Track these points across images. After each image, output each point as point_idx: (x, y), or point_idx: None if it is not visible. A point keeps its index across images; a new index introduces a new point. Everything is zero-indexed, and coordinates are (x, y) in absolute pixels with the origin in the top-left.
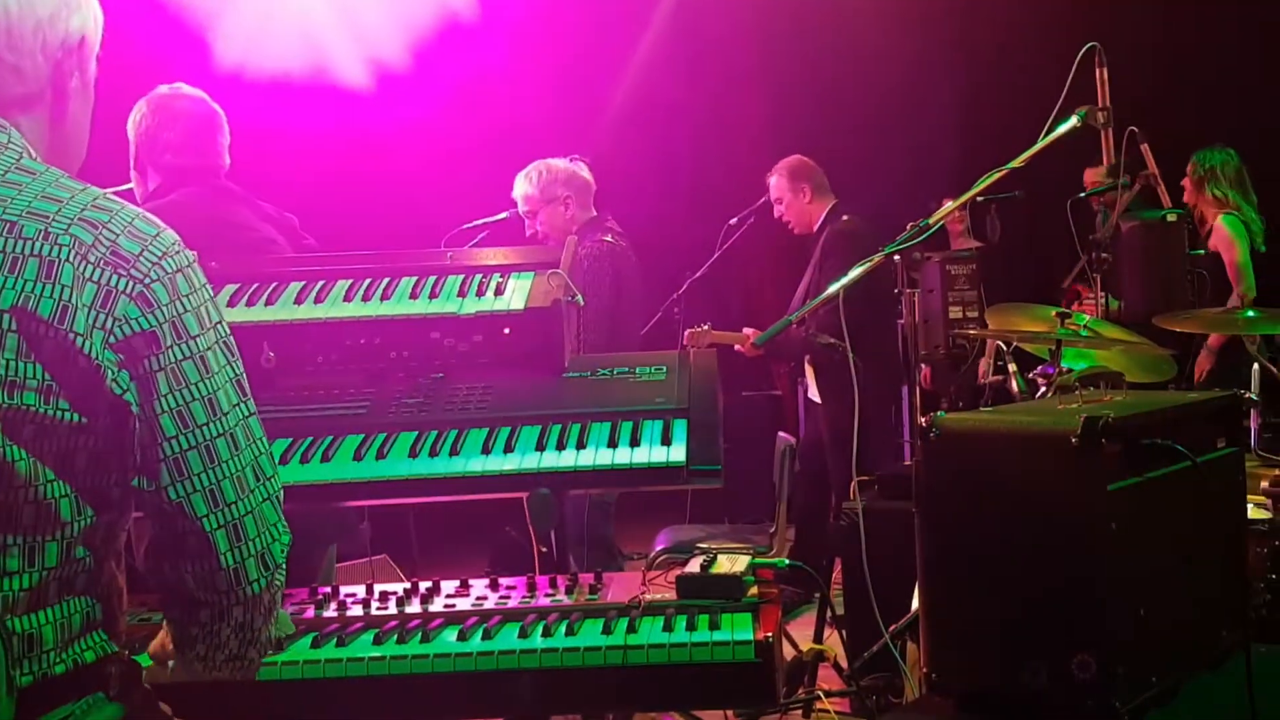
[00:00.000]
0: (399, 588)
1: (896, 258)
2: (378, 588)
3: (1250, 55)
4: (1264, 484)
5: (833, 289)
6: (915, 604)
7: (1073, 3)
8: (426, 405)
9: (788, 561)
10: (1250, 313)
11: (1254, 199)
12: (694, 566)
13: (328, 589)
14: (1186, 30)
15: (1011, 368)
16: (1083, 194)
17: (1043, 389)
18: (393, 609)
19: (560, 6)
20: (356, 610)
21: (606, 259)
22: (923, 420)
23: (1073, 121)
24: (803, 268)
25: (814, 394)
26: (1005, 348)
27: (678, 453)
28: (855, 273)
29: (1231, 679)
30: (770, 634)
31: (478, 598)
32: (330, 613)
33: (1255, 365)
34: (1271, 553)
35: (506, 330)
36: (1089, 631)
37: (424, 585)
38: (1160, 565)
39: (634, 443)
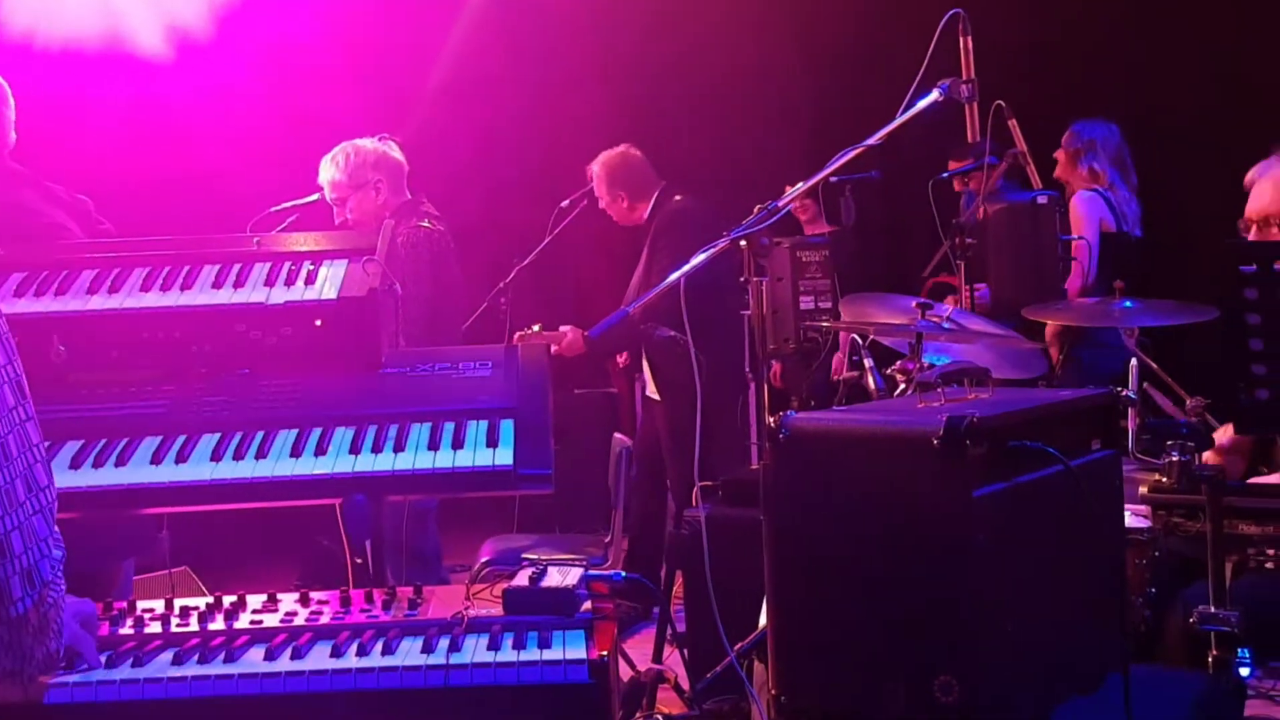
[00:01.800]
0: (201, 602)
1: (743, 243)
2: (178, 602)
3: (1126, 24)
4: (1143, 490)
5: (673, 277)
6: (763, 620)
7: None
8: (231, 404)
9: (624, 574)
10: (1128, 303)
11: (1133, 181)
12: (522, 579)
13: (124, 604)
14: None
15: (868, 363)
16: (945, 174)
17: (902, 386)
18: (194, 625)
19: None
20: (155, 627)
21: (424, 246)
22: (771, 420)
23: (934, 95)
24: (639, 253)
25: (652, 391)
26: (861, 341)
27: (504, 456)
28: (697, 259)
29: (1108, 703)
30: (605, 653)
31: (287, 613)
32: (126, 629)
33: (1133, 360)
34: (1151, 564)
35: (318, 322)
36: (952, 651)
37: (228, 600)
38: (1030, 579)
39: (457, 445)
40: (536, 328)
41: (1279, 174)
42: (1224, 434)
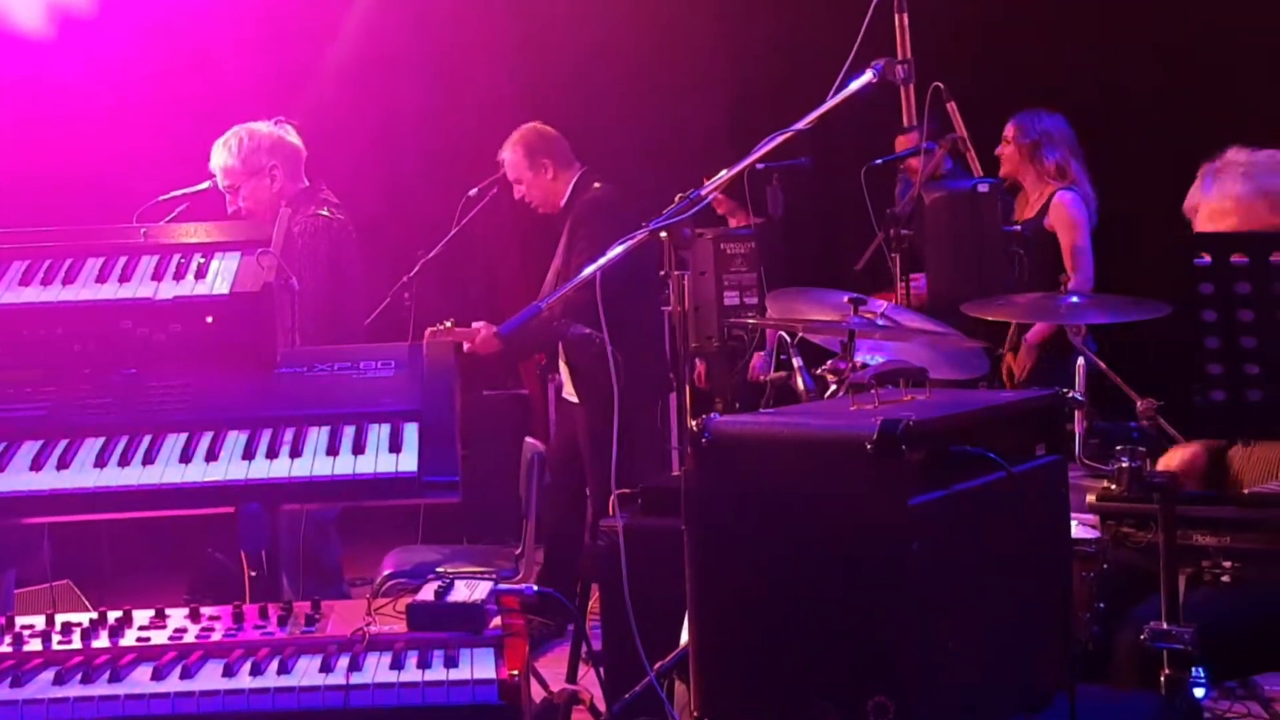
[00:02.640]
0: (84, 618)
1: (663, 234)
2: (59, 618)
3: (1071, 3)
4: (1090, 498)
5: (588, 271)
6: (684, 637)
7: None
8: (116, 406)
9: (536, 588)
10: (1074, 299)
11: (1087, 172)
12: (427, 594)
13: (1, 620)
14: None
15: (796, 362)
16: (879, 160)
17: (833, 387)
18: (77, 643)
19: None
20: (35, 644)
21: (322, 236)
22: (693, 423)
23: (867, 76)
24: (554, 244)
25: (568, 393)
26: (789, 339)
27: (408, 461)
28: (614, 252)
29: None
30: (516, 672)
31: (175, 630)
32: (4, 647)
33: (1080, 360)
34: (1100, 578)
35: (209, 318)
36: (887, 669)
37: (113, 615)
38: (970, 592)
39: (357, 450)
40: (448, 324)
41: (1241, 188)
42: (1175, 457)
